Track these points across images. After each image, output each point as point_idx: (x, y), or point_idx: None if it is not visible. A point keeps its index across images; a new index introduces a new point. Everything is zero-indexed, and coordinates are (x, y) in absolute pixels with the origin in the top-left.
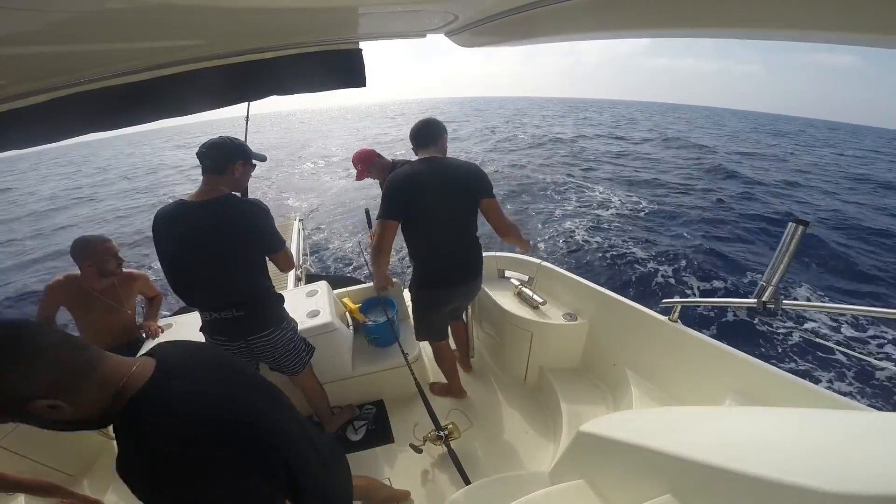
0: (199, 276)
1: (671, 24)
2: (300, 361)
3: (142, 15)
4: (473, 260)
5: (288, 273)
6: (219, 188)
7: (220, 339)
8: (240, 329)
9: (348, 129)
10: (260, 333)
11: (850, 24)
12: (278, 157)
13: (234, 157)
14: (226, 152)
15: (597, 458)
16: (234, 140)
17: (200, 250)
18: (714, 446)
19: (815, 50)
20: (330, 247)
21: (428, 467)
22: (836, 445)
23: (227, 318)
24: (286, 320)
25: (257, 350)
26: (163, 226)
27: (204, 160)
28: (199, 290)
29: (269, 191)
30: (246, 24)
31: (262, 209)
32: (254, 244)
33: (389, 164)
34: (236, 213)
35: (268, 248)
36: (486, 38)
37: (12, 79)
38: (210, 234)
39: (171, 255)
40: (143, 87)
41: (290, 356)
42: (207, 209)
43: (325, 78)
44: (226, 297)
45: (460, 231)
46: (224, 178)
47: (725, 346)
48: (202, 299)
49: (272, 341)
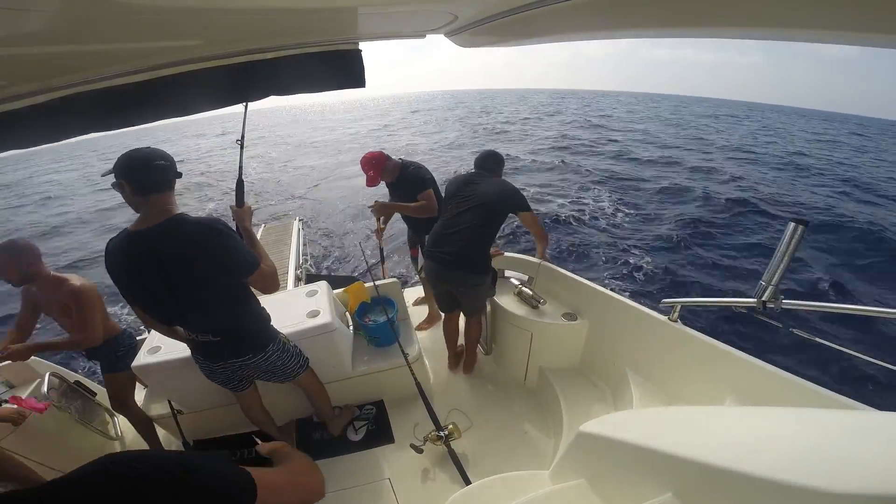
0: (161, 305)
1: (672, 24)
2: (292, 374)
3: (141, 15)
4: (457, 253)
5: (283, 272)
6: (166, 208)
7: (200, 359)
8: (219, 353)
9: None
10: (240, 359)
11: (852, 24)
12: (277, 156)
13: (175, 170)
14: (168, 164)
15: (597, 458)
16: (160, 151)
17: (151, 282)
18: (714, 446)
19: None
20: (330, 247)
21: (428, 467)
22: (837, 445)
23: (205, 342)
24: (272, 341)
25: (238, 371)
26: (114, 262)
27: (135, 176)
28: (166, 319)
29: (265, 191)
30: (245, 25)
31: (215, 231)
32: (216, 270)
33: (399, 164)
34: (192, 236)
35: (234, 273)
36: (485, 38)
37: (12, 79)
38: (157, 263)
39: (132, 291)
40: (143, 87)
41: (277, 373)
42: (158, 234)
43: (325, 78)
44: (199, 325)
45: (464, 229)
46: (168, 194)
47: (725, 345)
48: (174, 324)
49: (253, 365)
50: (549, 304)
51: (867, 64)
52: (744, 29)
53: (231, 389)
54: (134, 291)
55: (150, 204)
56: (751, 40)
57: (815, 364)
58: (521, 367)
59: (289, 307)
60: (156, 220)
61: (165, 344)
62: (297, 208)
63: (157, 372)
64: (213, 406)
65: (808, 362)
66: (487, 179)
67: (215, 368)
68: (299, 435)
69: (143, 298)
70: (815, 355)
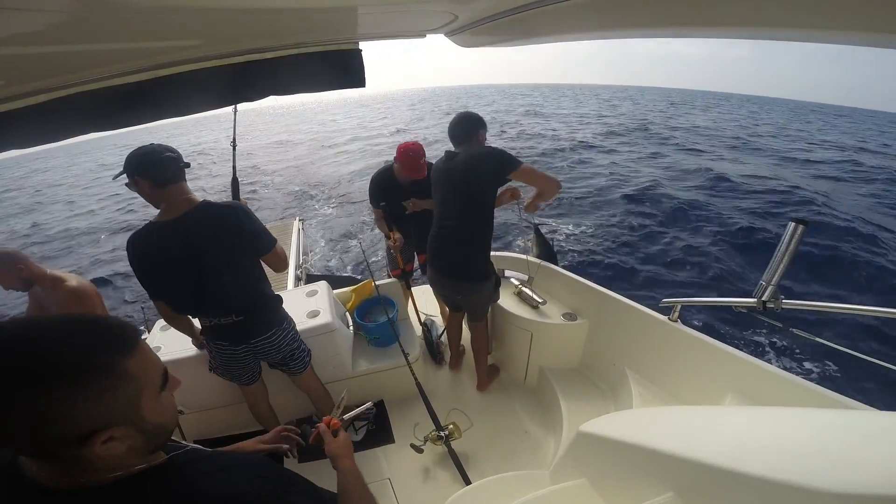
0: (193, 294)
1: (672, 24)
2: (302, 361)
3: (141, 15)
4: (452, 262)
5: (283, 272)
6: (188, 197)
7: (222, 344)
8: (242, 333)
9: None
10: (262, 336)
11: (853, 23)
12: (273, 154)
13: (182, 161)
14: (178, 156)
15: (597, 458)
16: (167, 146)
17: (186, 270)
18: (715, 446)
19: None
20: (330, 246)
21: (428, 467)
22: (837, 445)
23: (228, 324)
24: (286, 320)
25: (260, 351)
26: (140, 252)
27: (155, 170)
28: (195, 307)
29: (263, 191)
30: (245, 25)
31: (243, 211)
32: (243, 249)
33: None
34: (221, 219)
35: (257, 251)
36: (485, 38)
37: (12, 79)
38: (194, 249)
39: (155, 281)
40: (143, 87)
41: (294, 354)
42: (189, 221)
43: (325, 78)
44: (224, 306)
45: (451, 227)
46: (185, 184)
47: (725, 345)
48: (200, 312)
49: (275, 342)
50: (549, 304)
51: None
52: (745, 29)
53: (243, 383)
54: (162, 283)
55: (169, 195)
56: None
57: (814, 363)
58: (521, 366)
59: (289, 307)
60: (182, 208)
61: (166, 344)
62: (296, 208)
63: None
64: (214, 406)
65: (808, 362)
66: (462, 154)
67: (238, 352)
68: (300, 435)
69: (172, 288)
70: (815, 355)
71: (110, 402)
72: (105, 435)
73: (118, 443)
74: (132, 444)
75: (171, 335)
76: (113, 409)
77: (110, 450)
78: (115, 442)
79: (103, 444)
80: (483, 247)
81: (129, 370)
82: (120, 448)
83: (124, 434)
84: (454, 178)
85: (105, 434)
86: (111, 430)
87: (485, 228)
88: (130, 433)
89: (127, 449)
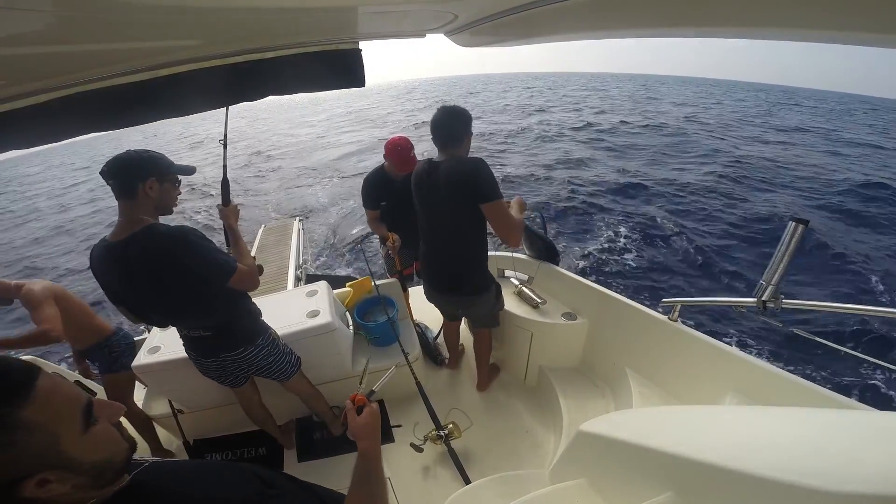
0: (154, 312)
1: (673, 24)
2: (284, 373)
3: (141, 15)
4: (453, 274)
5: (284, 273)
6: (138, 217)
7: (193, 355)
8: (210, 347)
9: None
10: (232, 352)
11: (853, 23)
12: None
13: (144, 175)
14: (131, 169)
15: (597, 458)
16: (142, 153)
17: (141, 294)
18: (714, 445)
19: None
20: (330, 246)
21: (428, 466)
22: (837, 445)
23: (196, 337)
24: (261, 335)
25: (231, 366)
26: (97, 270)
27: (108, 181)
28: (159, 321)
29: (263, 191)
30: (245, 24)
31: (184, 239)
32: (191, 278)
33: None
34: (160, 251)
35: (210, 278)
36: (486, 37)
37: (12, 79)
38: (142, 275)
39: (117, 297)
40: (143, 87)
41: (273, 367)
42: (130, 248)
43: (324, 78)
44: (185, 323)
45: (446, 241)
46: (137, 201)
47: (725, 345)
48: (164, 325)
49: (246, 358)
50: (548, 303)
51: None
52: (745, 29)
53: (228, 385)
54: (119, 296)
55: (122, 210)
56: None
57: (814, 363)
58: (521, 366)
59: (289, 307)
60: (125, 232)
61: (165, 344)
62: (295, 207)
63: (157, 372)
64: (213, 406)
65: (808, 362)
66: (446, 166)
67: (208, 364)
68: (299, 434)
69: (129, 302)
70: (815, 355)
71: (19, 455)
72: (33, 481)
73: (58, 484)
74: (76, 483)
75: (171, 335)
76: (26, 460)
77: (52, 491)
78: (53, 483)
79: (40, 487)
80: (478, 257)
81: (29, 419)
82: (63, 488)
83: (59, 476)
84: (440, 189)
85: (33, 480)
86: (39, 475)
87: (477, 238)
88: (65, 475)
89: (72, 487)
